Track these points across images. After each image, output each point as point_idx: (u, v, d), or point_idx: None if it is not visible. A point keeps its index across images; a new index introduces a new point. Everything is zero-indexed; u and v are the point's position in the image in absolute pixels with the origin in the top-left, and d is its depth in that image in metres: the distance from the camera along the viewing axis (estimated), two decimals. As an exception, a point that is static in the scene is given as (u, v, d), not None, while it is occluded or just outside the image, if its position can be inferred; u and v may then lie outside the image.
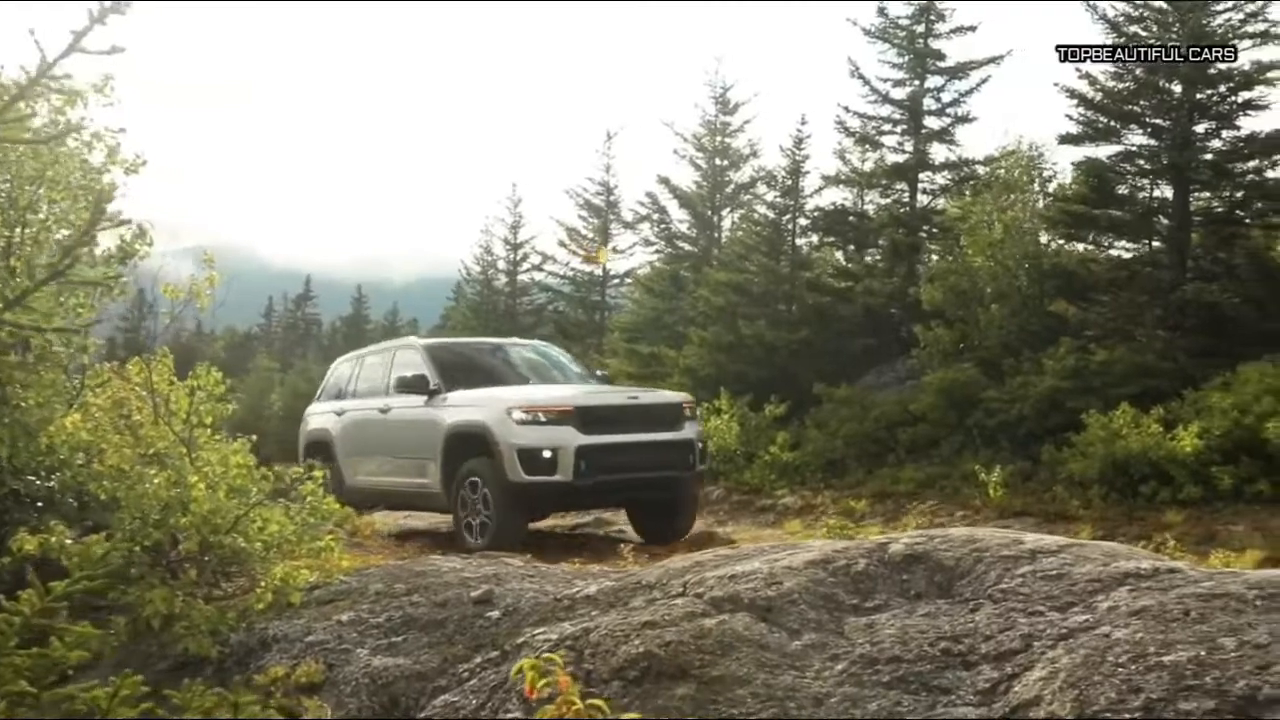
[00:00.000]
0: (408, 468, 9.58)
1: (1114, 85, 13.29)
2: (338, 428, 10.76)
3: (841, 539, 4.49)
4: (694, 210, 23.28)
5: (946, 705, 2.67)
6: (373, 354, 11.34)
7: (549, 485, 8.27)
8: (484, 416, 8.57)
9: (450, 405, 9.08)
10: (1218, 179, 13.14)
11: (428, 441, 9.13)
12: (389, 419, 9.89)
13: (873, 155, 18.49)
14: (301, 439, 11.72)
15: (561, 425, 8.35)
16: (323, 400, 11.64)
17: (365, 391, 10.63)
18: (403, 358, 10.28)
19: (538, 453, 8.22)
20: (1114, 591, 3.00)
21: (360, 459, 10.37)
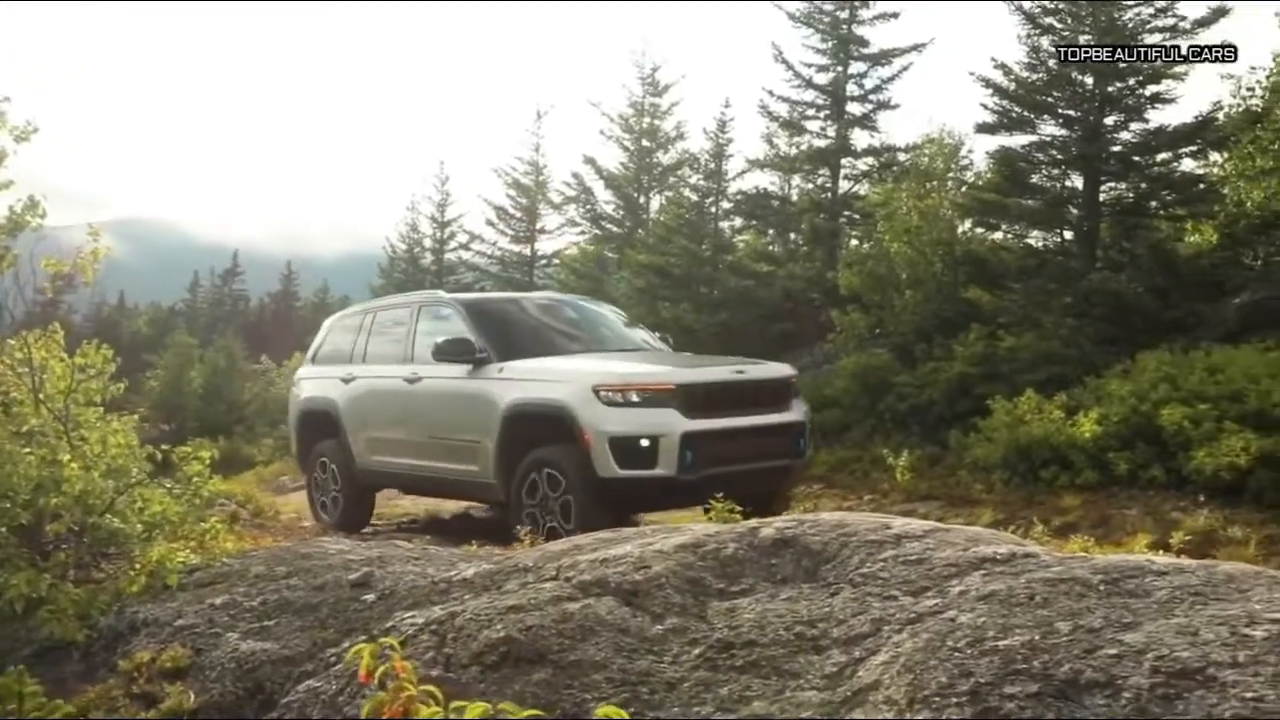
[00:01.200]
0: (447, 451, 8.12)
1: (1028, 76, 13.52)
2: (345, 398, 9.18)
3: (722, 523, 4.50)
4: (620, 192, 23.24)
5: (794, 689, 2.69)
6: (386, 310, 9.58)
7: (647, 481, 6.90)
8: (563, 395, 7.12)
9: (507, 378, 7.59)
10: (1126, 170, 13.43)
11: (477, 421, 7.72)
12: (419, 391, 8.34)
13: (798, 140, 18.65)
14: (292, 409, 10.12)
15: (662, 407, 6.98)
16: (320, 363, 9.90)
17: (382, 355, 9.03)
18: (431, 316, 8.73)
19: (634, 442, 6.86)
20: (968, 576, 3.04)
21: (377, 437, 8.86)
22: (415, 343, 8.59)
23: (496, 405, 7.53)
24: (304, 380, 10.04)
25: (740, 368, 7.82)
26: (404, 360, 8.64)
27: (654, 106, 23.56)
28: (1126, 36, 13.07)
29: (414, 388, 8.39)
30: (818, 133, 18.03)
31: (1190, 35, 13.28)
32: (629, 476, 6.85)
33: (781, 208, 18.40)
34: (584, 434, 6.91)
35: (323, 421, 9.43)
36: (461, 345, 7.88)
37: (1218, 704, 2.07)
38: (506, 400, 7.48)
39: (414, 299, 9.50)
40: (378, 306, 9.88)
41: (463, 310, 8.40)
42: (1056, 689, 2.24)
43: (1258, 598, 2.57)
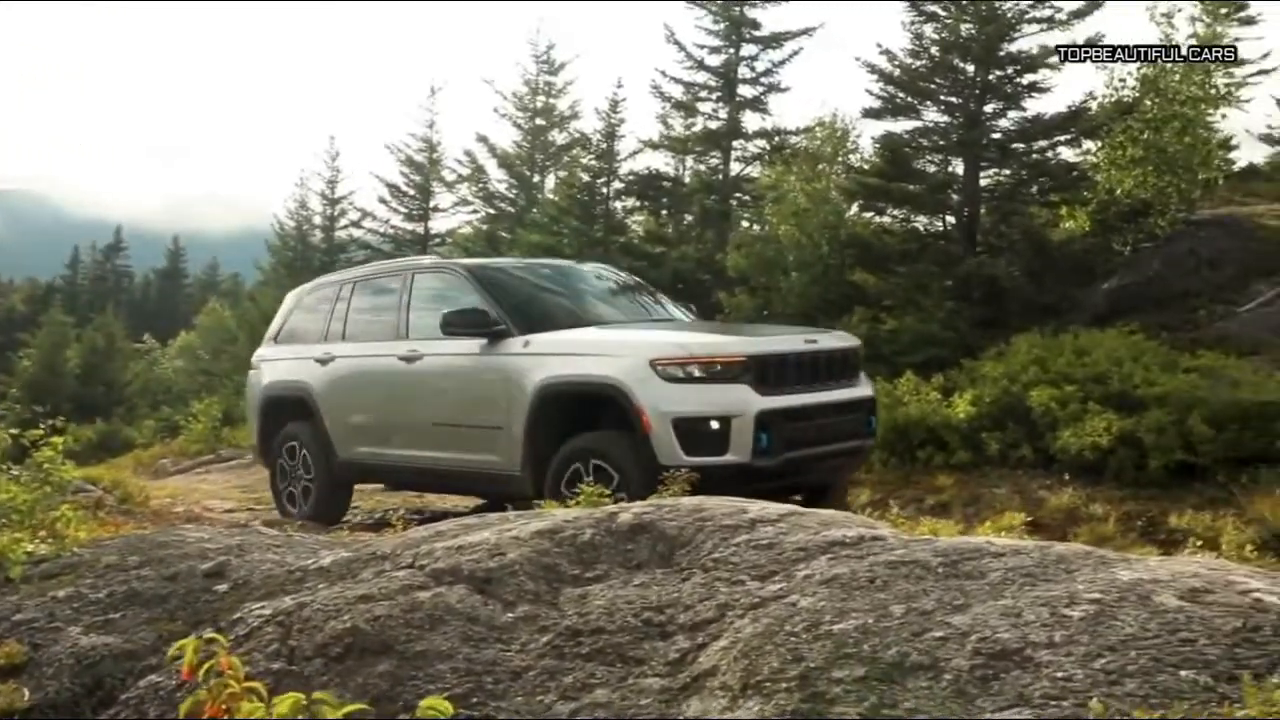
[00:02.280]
0: (456, 439, 7.19)
1: (911, 63, 13.77)
2: (322, 381, 8.24)
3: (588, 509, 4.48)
4: (514, 170, 23.06)
5: (637, 676, 2.69)
6: (370, 280, 8.56)
7: (717, 469, 5.90)
8: (614, 371, 6.24)
9: (535, 353, 6.72)
10: (1004, 157, 13.80)
11: (496, 404, 6.85)
12: (418, 372, 7.45)
13: (691, 121, 18.71)
14: (254, 395, 9.05)
15: (732, 383, 6.13)
16: (286, 342, 8.92)
17: (367, 332, 8.14)
18: (430, 285, 7.82)
19: (702, 423, 6.03)
20: (816, 560, 3.08)
21: (363, 424, 7.97)
22: (410, 316, 7.70)
23: (523, 385, 6.63)
24: (267, 362, 9.00)
25: (811, 336, 7.05)
26: (396, 336, 7.76)
27: (549, 85, 23.43)
28: (1005, 26, 13.39)
29: (412, 368, 7.47)
30: (710, 114, 18.12)
31: (1066, 27, 13.69)
32: (696, 464, 5.74)
33: (674, 189, 18.44)
34: (641, 415, 6.04)
35: (293, 407, 8.54)
36: (475, 317, 6.97)
37: (1031, 684, 2.12)
38: (536, 379, 6.57)
39: (405, 265, 8.60)
40: (357, 277, 8.78)
41: (471, 277, 7.42)
42: (882, 672, 2.28)
43: (1082, 578, 2.64)
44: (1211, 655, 2.14)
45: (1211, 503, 7.75)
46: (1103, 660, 2.16)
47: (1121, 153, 14.19)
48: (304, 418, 8.35)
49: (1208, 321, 11.71)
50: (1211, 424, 8.22)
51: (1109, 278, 12.96)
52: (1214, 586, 2.47)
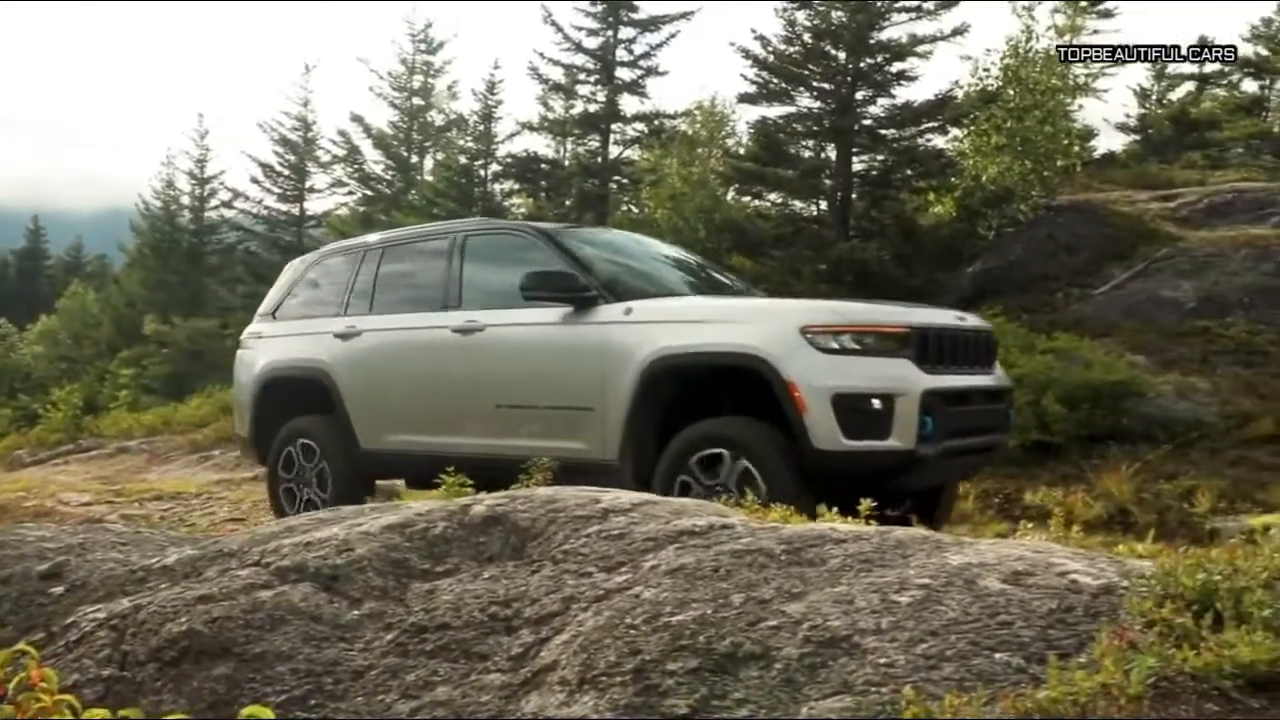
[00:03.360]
0: (532, 424, 6.23)
1: (785, 49, 13.96)
2: (345, 359, 7.19)
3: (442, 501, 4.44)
4: (390, 152, 22.64)
5: (480, 672, 2.67)
6: (405, 244, 7.53)
7: (878, 456, 5.22)
8: (756, 339, 5.38)
9: (641, 321, 5.84)
10: (875, 143, 14.12)
11: (590, 381, 5.93)
12: (480, 345, 6.49)
13: (570, 104, 18.64)
14: (247, 378, 7.88)
15: (892, 357, 5.38)
16: (289, 318, 7.88)
17: (403, 302, 7.15)
18: (489, 248, 6.88)
19: (864, 402, 5.21)
20: (664, 550, 3.10)
21: (400, 408, 6.95)
22: (464, 283, 6.73)
23: (625, 359, 5.75)
24: (263, 340, 7.90)
25: (960, 314, 6.29)
26: (445, 306, 6.78)
27: (427, 65, 23.05)
28: (875, 15, 13.67)
29: (469, 341, 6.52)
30: (588, 97, 18.11)
31: (934, 16, 14.04)
32: (857, 450, 5.15)
33: (553, 171, 18.37)
34: (793, 391, 5.20)
35: (304, 391, 7.41)
36: (563, 280, 6.08)
37: (855, 671, 2.17)
38: (645, 352, 5.67)
39: (451, 227, 7.48)
40: (386, 241, 7.74)
41: (546, 238, 6.57)
42: (716, 663, 2.31)
43: (916, 563, 2.71)
44: (1026, 637, 2.22)
45: (1065, 479, 8.09)
46: (925, 645, 2.22)
47: (986, 140, 14.64)
48: (318, 402, 7.32)
49: (1064, 304, 12.19)
50: (1065, 403, 8.56)
51: (974, 261, 13.38)
52: (1036, 569, 2.56)
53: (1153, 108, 27.04)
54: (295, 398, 7.47)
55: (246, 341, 8.17)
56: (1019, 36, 15.09)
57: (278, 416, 7.60)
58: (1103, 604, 2.33)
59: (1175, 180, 17.31)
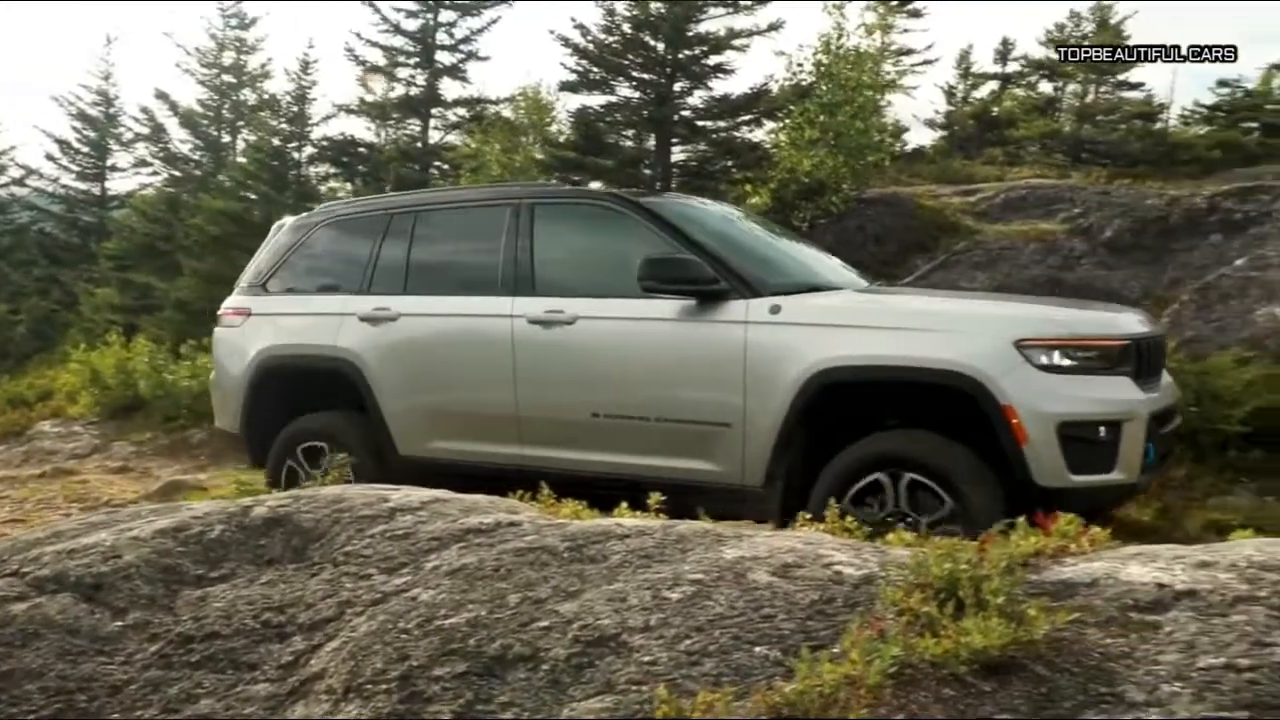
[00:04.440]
0: (645, 439, 5.27)
1: (604, 39, 13.98)
2: (380, 348, 6.10)
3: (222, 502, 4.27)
4: (198, 131, 21.62)
5: (247, 683, 2.57)
6: (446, 210, 6.45)
7: (1102, 492, 4.53)
8: (961, 353, 4.55)
9: (794, 323, 4.96)
10: (693, 135, 14.31)
11: (729, 392, 5.02)
12: (570, 340, 5.51)
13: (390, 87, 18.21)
14: (237, 362, 6.61)
15: (1114, 375, 4.61)
16: (285, 292, 6.65)
17: (449, 280, 6.07)
18: (566, 222, 5.92)
19: (1092, 430, 4.48)
20: (448, 550, 3.06)
21: (456, 410, 5.94)
22: (537, 263, 5.73)
23: (781, 367, 4.90)
24: (258, 317, 6.62)
25: (1140, 314, 5.45)
26: (513, 289, 5.73)
27: (239, 41, 22.10)
28: (693, 8, 13.84)
29: (556, 335, 5.52)
30: (408, 80, 17.72)
31: (749, 11, 14.31)
32: (1082, 487, 4.43)
33: (371, 156, 17.91)
34: (1010, 417, 4.43)
35: (319, 383, 6.38)
36: (689, 270, 5.12)
37: (620, 670, 2.19)
38: (809, 360, 4.82)
39: (513, 193, 6.27)
40: (421, 205, 6.53)
41: (646, 212, 5.55)
42: (484, 666, 2.29)
43: (693, 558, 2.76)
44: (786, 630, 2.28)
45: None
46: (689, 641, 2.25)
47: (801, 134, 15.02)
48: (341, 398, 6.28)
49: (871, 294, 12.64)
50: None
51: (787, 252, 13.72)
52: (804, 561, 2.63)
53: (959, 105, 28.34)
54: (305, 389, 6.41)
55: (229, 319, 6.85)
56: (831, 33, 15.53)
57: (279, 409, 6.46)
58: (862, 594, 2.42)
59: (977, 175, 18.16)
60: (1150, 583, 2.30)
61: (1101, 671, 2.01)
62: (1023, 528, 2.71)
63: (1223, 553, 2.42)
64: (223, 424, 6.98)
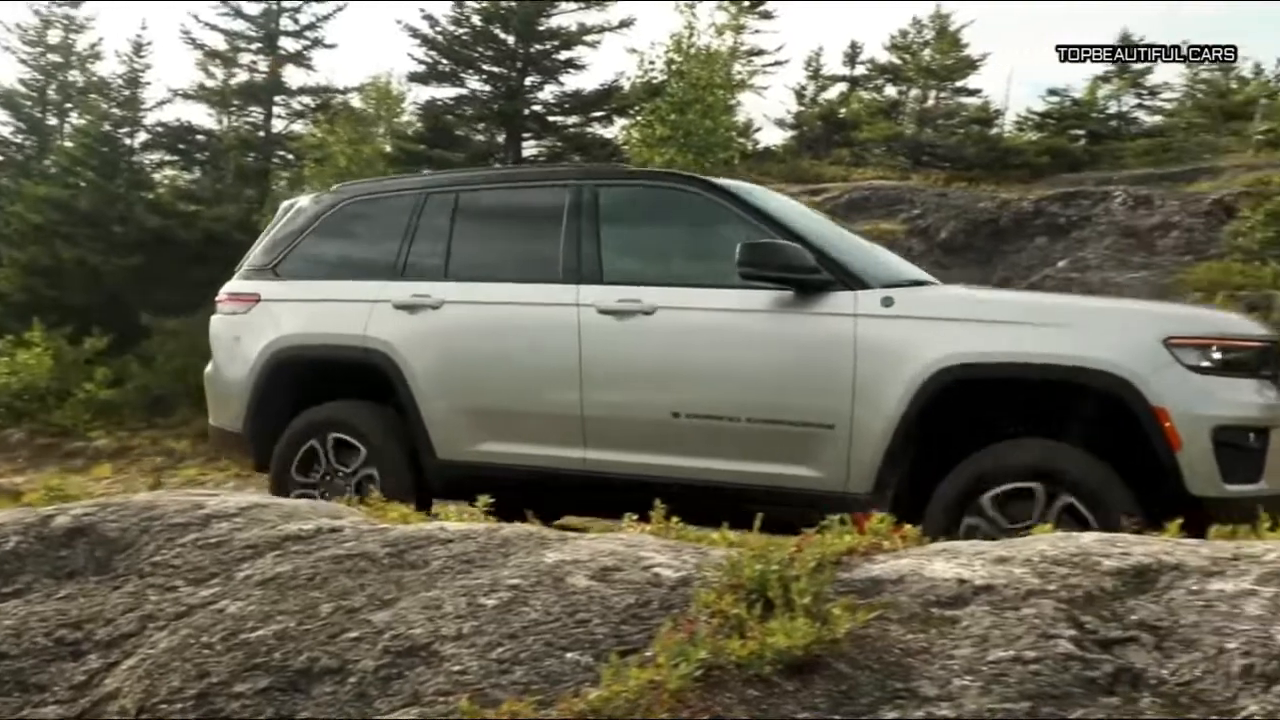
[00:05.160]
0: (734, 441, 4.79)
1: (454, 30, 13.82)
2: (419, 339, 5.47)
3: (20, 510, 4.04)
4: (21, 113, 20.45)
5: (36, 705, 2.43)
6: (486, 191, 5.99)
7: (1249, 503, 3.94)
8: (1109, 350, 4.19)
9: (909, 316, 4.58)
10: (544, 130, 14.28)
11: (834, 391, 4.57)
12: (648, 332, 5.00)
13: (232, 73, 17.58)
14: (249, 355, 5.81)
15: (1258, 377, 4.29)
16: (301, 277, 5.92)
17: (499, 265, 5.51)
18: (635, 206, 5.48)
19: (1243, 436, 4.15)
20: (263, 558, 2.95)
21: (510, 409, 5.34)
22: (604, 249, 5.25)
23: (896, 364, 4.50)
24: (269, 304, 5.88)
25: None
26: (577, 276, 5.21)
27: (67, 19, 20.98)
28: (545, 2, 13.80)
29: (630, 326, 5.02)
30: (250, 66, 17.14)
31: (601, 6, 14.35)
32: (1236, 497, 4.05)
33: (210, 143, 17.26)
34: (1162, 420, 4.08)
35: (342, 377, 5.70)
36: (792, 257, 4.65)
37: (429, 680, 2.15)
38: (930, 356, 4.41)
39: (572, 173, 5.86)
40: (462, 184, 5.98)
41: (730, 196, 5.13)
42: (289, 680, 2.21)
43: (514, 562, 2.73)
44: (600, 634, 2.27)
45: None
46: (501, 649, 2.22)
47: (651, 131, 15.15)
48: (367, 395, 5.65)
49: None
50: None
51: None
52: (624, 564, 2.63)
53: (808, 106, 29.03)
54: (325, 384, 5.72)
55: (231, 305, 6.06)
56: (682, 32, 15.70)
57: (290, 406, 5.72)
58: (678, 596, 2.43)
59: (824, 175, 18.64)
60: (952, 579, 2.38)
61: (900, 667, 2.07)
62: (838, 526, 2.78)
63: (1019, 548, 2.52)
64: (221, 422, 6.08)
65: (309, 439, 5.57)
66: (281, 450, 5.61)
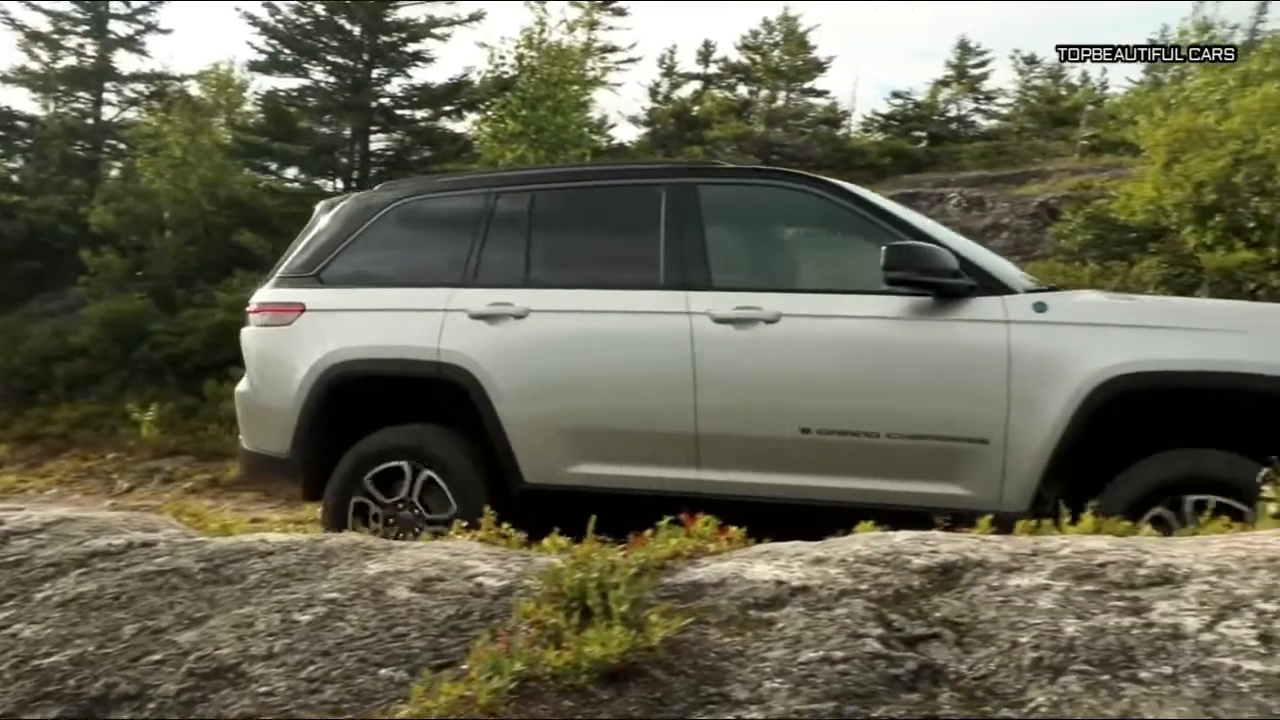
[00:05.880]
0: (873, 459, 4.43)
1: (296, 19, 13.42)
2: (504, 352, 4.97)
3: None
4: None
5: None
6: (566, 189, 5.49)
7: None
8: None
9: (1073, 322, 4.31)
10: (392, 124, 14.00)
11: (991, 401, 4.28)
12: (773, 341, 4.60)
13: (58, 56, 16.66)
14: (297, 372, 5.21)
15: None
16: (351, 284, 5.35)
17: (590, 269, 5.07)
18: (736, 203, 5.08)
19: None
20: (66, 577, 2.80)
21: (611, 427, 4.87)
22: (711, 251, 4.87)
23: (1057, 373, 4.22)
24: (317, 314, 5.31)
25: None
26: (681, 282, 4.80)
27: None
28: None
29: (751, 336, 4.63)
30: (77, 50, 16.29)
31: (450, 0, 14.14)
32: None
33: (33, 130, 16.33)
34: None
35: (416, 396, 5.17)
36: (936, 261, 4.35)
37: (233, 704, 2.07)
38: (1097, 365, 4.14)
39: (661, 169, 5.50)
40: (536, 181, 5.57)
41: (852, 197, 4.83)
42: (82, 709, 2.10)
43: (335, 574, 2.66)
44: (417, 648, 2.23)
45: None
46: (313, 668, 2.16)
47: (503, 127, 15.02)
48: (439, 416, 5.14)
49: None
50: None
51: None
52: (447, 574, 2.59)
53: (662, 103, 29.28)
54: (389, 403, 5.19)
55: (269, 316, 5.45)
56: (533, 28, 15.61)
57: (346, 429, 5.18)
58: (500, 606, 2.41)
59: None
60: (770, 580, 2.42)
61: (715, 671, 2.09)
62: (666, 530, 2.81)
63: (836, 548, 2.58)
64: (261, 446, 5.46)
65: (376, 466, 5.03)
66: (341, 479, 5.07)
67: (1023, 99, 29.03)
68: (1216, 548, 2.36)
